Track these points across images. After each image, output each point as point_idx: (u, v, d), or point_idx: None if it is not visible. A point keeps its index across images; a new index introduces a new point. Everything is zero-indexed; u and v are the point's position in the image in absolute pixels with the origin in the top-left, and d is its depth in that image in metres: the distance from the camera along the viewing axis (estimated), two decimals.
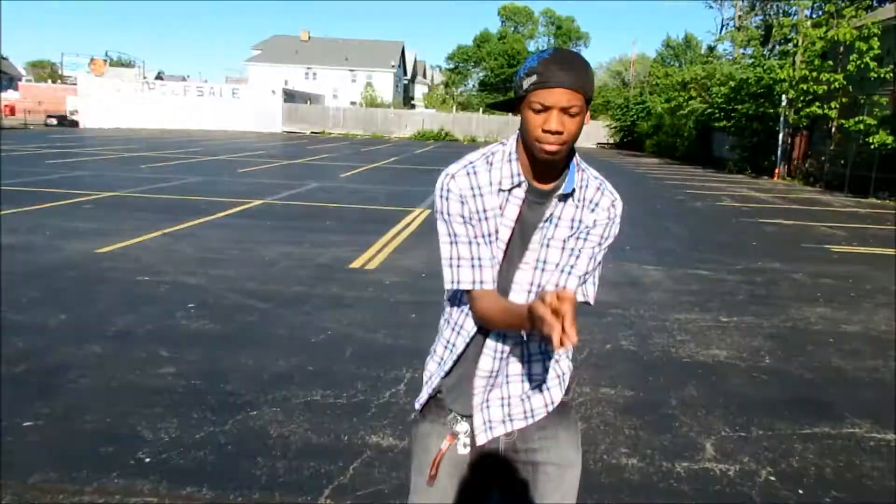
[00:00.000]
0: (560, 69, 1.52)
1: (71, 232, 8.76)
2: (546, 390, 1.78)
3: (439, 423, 1.77)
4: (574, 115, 1.54)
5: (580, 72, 1.53)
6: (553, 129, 1.53)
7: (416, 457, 1.81)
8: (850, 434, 4.00)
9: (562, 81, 1.51)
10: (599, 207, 1.71)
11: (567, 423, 1.82)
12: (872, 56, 20.02)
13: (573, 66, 1.53)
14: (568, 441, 1.80)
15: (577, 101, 1.53)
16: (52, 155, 20.62)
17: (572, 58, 1.57)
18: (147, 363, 4.54)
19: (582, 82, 1.53)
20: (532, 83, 1.53)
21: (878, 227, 13.30)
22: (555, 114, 1.53)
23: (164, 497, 2.98)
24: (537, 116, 1.55)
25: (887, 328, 6.22)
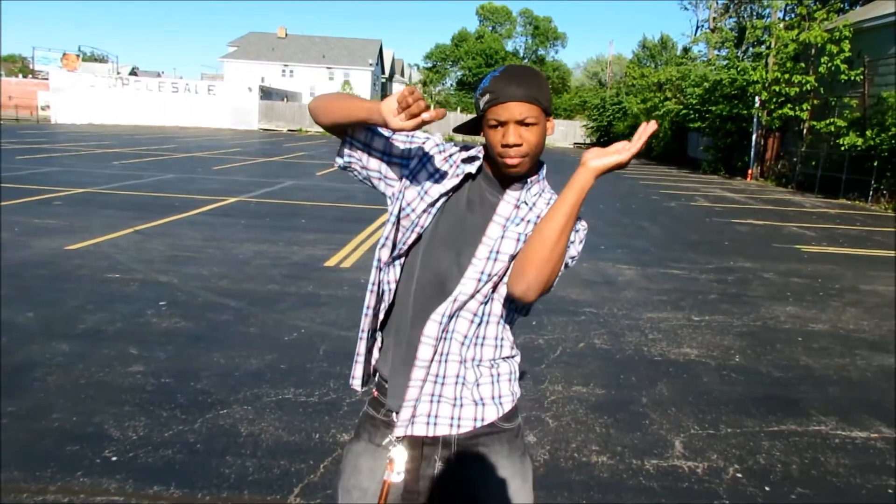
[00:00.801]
0: (510, 84, 1.56)
1: (40, 229, 8.63)
2: (480, 405, 1.68)
3: (374, 444, 1.73)
4: (531, 125, 1.58)
5: (530, 83, 1.58)
6: (511, 142, 1.57)
7: (344, 474, 1.77)
8: (816, 431, 4.06)
9: (513, 95, 1.56)
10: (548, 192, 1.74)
11: (510, 451, 1.73)
12: (843, 59, 20.31)
13: (523, 80, 1.57)
14: (510, 471, 1.72)
15: (531, 111, 1.57)
16: (23, 151, 20.29)
17: (522, 72, 1.60)
18: (116, 361, 4.49)
19: (533, 93, 1.57)
20: (486, 101, 1.58)
21: (848, 227, 13.51)
22: (511, 127, 1.57)
23: (130, 496, 2.95)
24: (496, 132, 1.59)
25: (855, 327, 6.33)
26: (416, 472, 1.68)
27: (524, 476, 1.74)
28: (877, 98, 18.70)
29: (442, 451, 1.69)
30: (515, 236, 1.64)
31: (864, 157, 18.62)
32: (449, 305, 1.61)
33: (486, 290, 1.63)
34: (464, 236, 1.65)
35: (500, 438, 1.71)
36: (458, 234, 1.65)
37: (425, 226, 1.66)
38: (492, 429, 1.70)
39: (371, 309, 1.78)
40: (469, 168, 1.68)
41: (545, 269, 1.54)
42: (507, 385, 1.74)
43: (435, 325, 1.61)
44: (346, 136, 1.73)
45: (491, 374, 1.71)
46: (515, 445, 1.75)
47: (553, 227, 1.53)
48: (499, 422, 1.71)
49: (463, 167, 1.69)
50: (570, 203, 1.54)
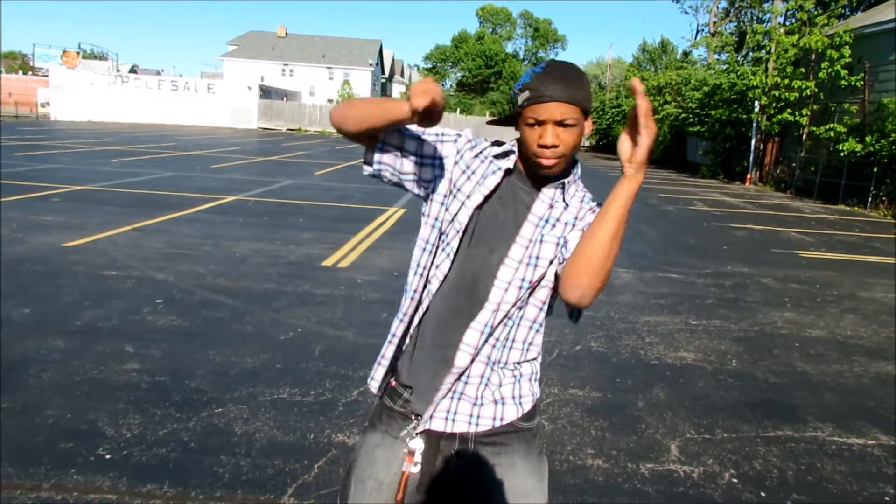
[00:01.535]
0: (552, 83, 1.52)
1: (38, 225, 8.60)
2: (500, 404, 1.68)
3: (391, 436, 1.71)
4: (570, 127, 1.54)
5: (573, 84, 1.53)
6: (548, 143, 1.54)
7: (358, 464, 1.74)
8: (812, 437, 4.05)
9: (553, 95, 1.51)
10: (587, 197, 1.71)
11: (527, 451, 1.72)
12: (843, 64, 20.33)
13: (565, 79, 1.53)
14: (526, 470, 1.70)
15: (571, 112, 1.53)
16: (22, 147, 20.26)
17: (565, 70, 1.56)
18: (111, 359, 4.47)
19: (575, 94, 1.53)
20: (526, 98, 1.54)
21: (847, 233, 13.52)
22: (549, 128, 1.54)
23: (123, 494, 2.94)
24: (533, 131, 1.56)
25: (852, 333, 6.32)
26: (430, 467, 1.67)
27: (540, 475, 1.73)
28: (877, 104, 18.72)
29: (459, 446, 1.68)
30: (554, 240, 1.62)
31: (863, 164, 18.63)
32: (492, 315, 1.60)
33: (525, 295, 1.63)
34: (496, 234, 1.63)
35: (517, 437, 1.70)
36: (491, 232, 1.63)
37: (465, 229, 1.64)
38: (510, 427, 1.69)
39: (408, 315, 1.71)
40: (505, 164, 1.66)
41: (599, 275, 1.50)
42: (528, 385, 1.73)
43: (476, 334, 1.61)
44: (378, 141, 1.69)
45: (514, 375, 1.70)
46: (533, 445, 1.74)
47: (605, 234, 1.49)
48: (517, 421, 1.70)
49: (497, 163, 1.67)
50: (620, 210, 1.48)
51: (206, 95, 46.50)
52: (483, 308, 1.61)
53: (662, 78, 37.37)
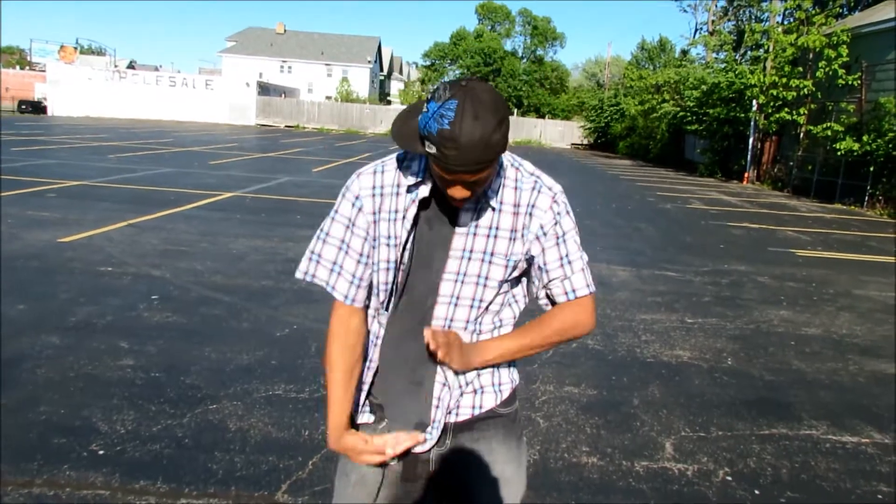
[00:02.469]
0: (461, 150, 1.31)
1: (34, 221, 8.58)
2: (479, 392, 1.67)
3: (369, 428, 1.69)
4: (484, 180, 1.43)
5: (485, 146, 1.32)
6: (457, 198, 1.45)
7: (342, 459, 1.73)
8: (807, 436, 4.06)
9: (463, 165, 1.34)
10: (539, 209, 1.57)
11: (506, 436, 1.70)
12: (840, 63, 20.33)
13: (477, 143, 1.31)
14: (506, 457, 1.69)
15: (484, 171, 1.38)
16: (18, 142, 20.21)
17: (475, 129, 1.30)
18: (106, 355, 4.46)
19: (488, 156, 1.34)
20: (431, 154, 1.36)
21: (843, 232, 13.54)
22: (458, 187, 1.42)
23: (116, 490, 2.93)
24: (441, 178, 1.43)
25: (848, 332, 6.33)
26: (412, 458, 1.65)
27: (519, 461, 1.72)
28: (874, 103, 18.72)
29: (439, 436, 1.66)
30: (480, 258, 1.56)
31: (860, 163, 18.64)
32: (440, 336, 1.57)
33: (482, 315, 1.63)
34: (432, 253, 1.58)
35: (496, 423, 1.69)
36: (427, 254, 1.58)
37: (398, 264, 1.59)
38: (489, 413, 1.68)
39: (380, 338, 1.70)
40: (421, 193, 1.55)
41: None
42: (507, 373, 1.72)
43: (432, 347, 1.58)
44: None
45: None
46: (512, 430, 1.72)
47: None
48: (496, 407, 1.69)
49: (411, 194, 1.56)
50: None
51: (204, 92, 46.43)
52: (431, 325, 1.60)
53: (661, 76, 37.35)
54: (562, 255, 1.60)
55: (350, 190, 1.61)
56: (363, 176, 1.61)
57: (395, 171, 1.59)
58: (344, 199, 1.61)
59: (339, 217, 1.61)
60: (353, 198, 1.60)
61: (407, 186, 1.56)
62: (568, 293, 1.62)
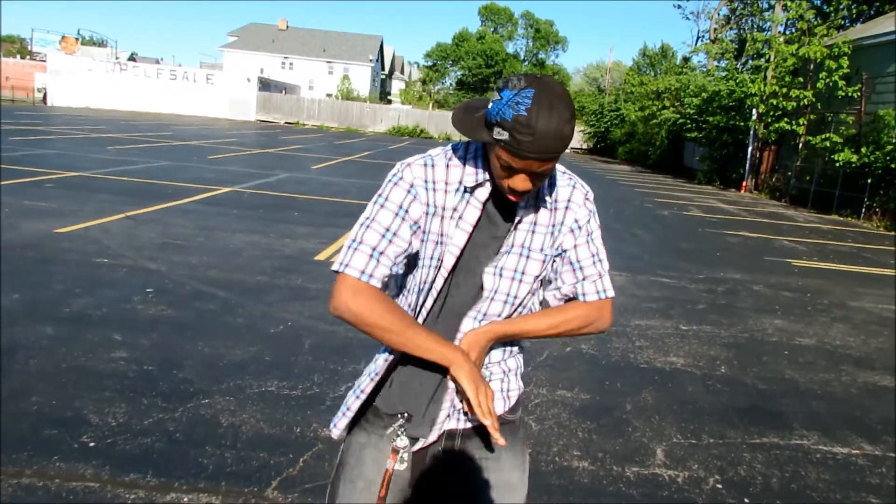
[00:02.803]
0: (536, 137, 1.30)
1: (30, 211, 8.57)
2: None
3: (376, 435, 1.66)
4: (545, 175, 1.41)
5: (560, 137, 1.32)
6: (519, 190, 1.42)
7: (347, 465, 1.69)
8: (798, 445, 4.06)
9: (536, 152, 1.33)
10: (575, 204, 1.59)
11: (512, 443, 1.68)
12: (841, 75, 20.38)
13: (552, 133, 1.31)
14: (512, 464, 1.68)
15: (550, 164, 1.37)
16: (17, 132, 20.17)
17: (552, 119, 1.31)
18: (99, 347, 4.45)
19: (560, 147, 1.34)
20: (502, 140, 1.34)
21: (839, 243, 13.57)
22: (522, 176, 1.39)
23: (105, 483, 2.92)
24: (503, 170, 1.40)
25: (841, 343, 6.34)
26: (419, 464, 1.65)
27: (523, 468, 1.72)
28: (873, 116, 18.77)
29: (446, 442, 1.65)
30: (541, 258, 1.58)
31: (858, 174, 18.69)
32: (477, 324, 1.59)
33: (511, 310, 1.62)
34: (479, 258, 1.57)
35: (503, 430, 1.60)
36: (473, 259, 1.56)
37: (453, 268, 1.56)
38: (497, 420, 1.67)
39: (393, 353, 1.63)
40: (482, 195, 1.53)
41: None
42: (515, 380, 1.73)
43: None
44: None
45: (502, 371, 1.69)
46: (517, 437, 1.72)
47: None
48: (503, 414, 1.69)
49: (472, 195, 1.53)
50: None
51: (204, 86, 46.36)
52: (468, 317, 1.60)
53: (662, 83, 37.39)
54: (593, 252, 1.64)
55: (403, 178, 1.52)
56: (414, 166, 1.53)
57: (445, 168, 1.54)
58: (396, 187, 1.52)
59: (388, 204, 1.51)
60: (408, 185, 1.52)
61: (463, 186, 1.52)
62: (599, 293, 1.66)
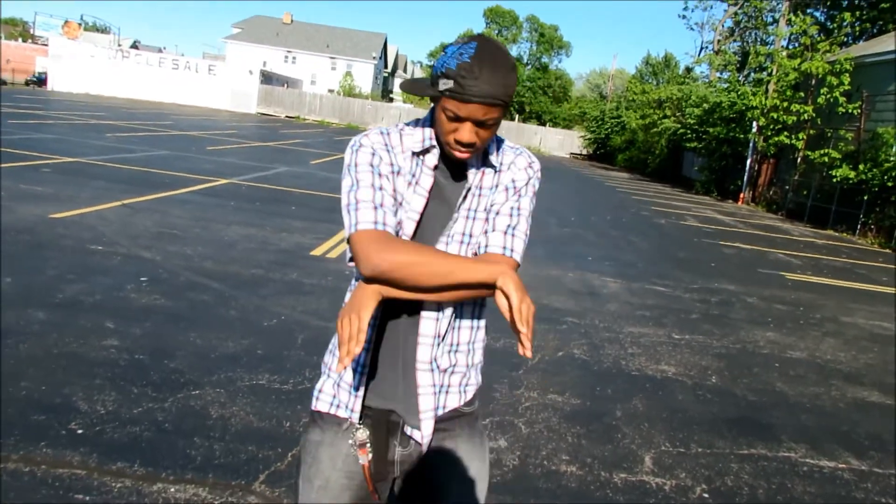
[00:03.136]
0: (480, 81, 1.36)
1: (26, 195, 8.54)
2: (445, 393, 1.64)
3: (332, 432, 1.64)
4: (490, 127, 1.45)
5: (501, 82, 1.39)
6: (465, 140, 1.44)
7: (304, 463, 1.67)
8: (785, 458, 4.07)
9: (479, 96, 1.38)
10: (516, 167, 1.62)
11: (470, 434, 1.69)
12: (842, 91, 20.46)
13: (494, 77, 1.38)
14: (471, 454, 1.68)
15: (493, 113, 1.41)
16: (16, 115, 20.10)
17: (494, 65, 1.38)
18: (91, 334, 4.44)
19: (502, 94, 1.39)
20: (447, 89, 1.39)
21: (833, 258, 13.60)
22: (468, 126, 1.43)
23: (92, 470, 2.92)
24: (449, 123, 1.44)
25: (832, 357, 6.36)
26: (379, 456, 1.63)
27: (483, 457, 1.71)
28: (872, 133, 18.83)
29: (402, 437, 1.64)
30: (484, 217, 1.58)
31: (854, 191, 18.75)
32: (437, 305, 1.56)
33: None
34: (431, 228, 1.56)
35: (461, 422, 1.68)
36: (427, 229, 1.56)
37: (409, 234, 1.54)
38: (453, 413, 1.67)
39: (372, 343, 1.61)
40: (431, 161, 1.56)
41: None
42: (475, 375, 1.71)
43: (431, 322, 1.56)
44: None
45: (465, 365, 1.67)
46: (476, 427, 1.72)
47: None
48: (460, 406, 1.68)
49: (423, 160, 1.56)
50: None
51: (206, 76, 46.26)
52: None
53: (664, 92, 37.47)
54: (512, 207, 1.59)
55: (363, 145, 1.55)
56: (371, 135, 1.57)
57: (399, 136, 1.58)
58: (359, 152, 1.54)
59: (360, 166, 1.53)
60: (370, 149, 1.55)
61: (412, 151, 1.56)
62: (505, 249, 1.55)
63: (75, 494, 2.75)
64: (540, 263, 8.76)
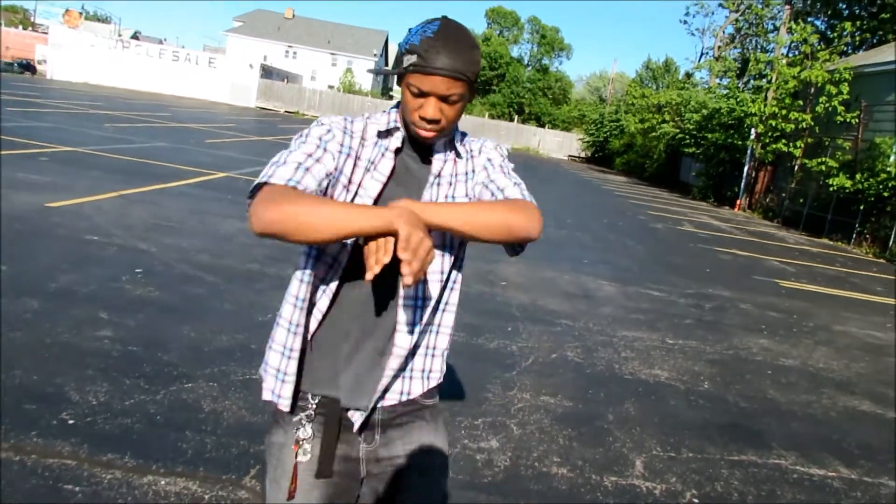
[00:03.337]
0: (442, 54, 1.40)
1: (22, 183, 8.51)
2: (408, 379, 1.62)
3: (292, 433, 1.59)
4: (454, 103, 1.47)
5: (464, 56, 1.43)
6: (429, 117, 1.46)
7: (269, 466, 1.63)
8: (775, 465, 4.08)
9: (442, 69, 1.40)
10: (486, 148, 1.67)
11: (435, 429, 1.68)
12: (841, 100, 20.51)
13: (457, 51, 1.42)
14: (432, 448, 1.66)
15: (457, 88, 1.44)
16: (14, 103, 20.03)
17: (457, 39, 1.43)
18: (85, 324, 4.43)
19: (465, 68, 1.43)
20: (411, 64, 1.42)
21: (827, 266, 13.64)
22: (432, 102, 1.45)
23: (83, 461, 2.91)
24: (414, 100, 1.46)
25: (824, 366, 6.38)
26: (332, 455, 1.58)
27: (444, 451, 1.69)
28: (869, 143, 18.89)
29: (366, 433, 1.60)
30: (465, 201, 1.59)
31: (851, 200, 18.81)
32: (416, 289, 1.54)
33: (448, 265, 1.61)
34: None
35: (422, 415, 1.66)
36: None
37: None
38: (414, 406, 1.64)
39: (302, 327, 1.58)
40: (393, 143, 1.56)
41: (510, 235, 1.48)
42: (439, 362, 1.67)
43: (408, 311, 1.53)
44: None
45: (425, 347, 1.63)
46: (437, 420, 1.70)
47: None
48: (420, 397, 1.65)
49: (383, 143, 1.56)
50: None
51: (206, 69, 46.16)
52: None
53: (663, 97, 37.54)
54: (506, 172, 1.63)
55: (322, 122, 1.56)
56: (334, 117, 1.59)
57: (363, 122, 1.60)
58: (315, 128, 1.54)
59: (309, 139, 1.51)
60: (327, 126, 1.55)
61: (377, 131, 1.57)
62: (524, 195, 1.56)
63: (65, 485, 2.75)
64: (535, 265, 8.77)
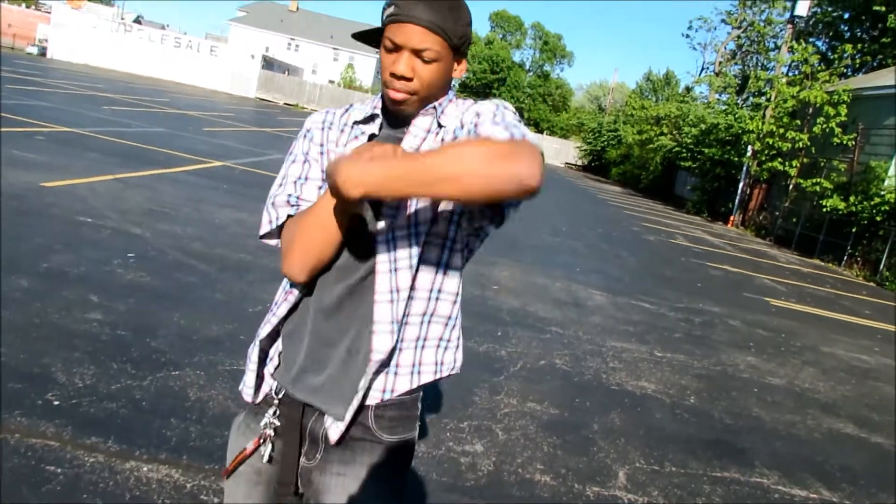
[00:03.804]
0: (420, 4, 1.32)
1: (18, 161, 8.45)
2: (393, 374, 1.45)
3: (256, 422, 1.55)
4: (428, 62, 1.35)
5: (442, 12, 1.33)
6: (399, 72, 1.35)
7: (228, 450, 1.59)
8: (757, 483, 4.10)
9: (416, 17, 1.32)
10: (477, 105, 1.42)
11: (387, 473, 1.48)
12: (838, 122, 20.62)
13: (436, 4, 1.33)
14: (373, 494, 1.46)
15: (431, 43, 1.33)
16: (14, 80, 19.91)
17: None
18: (74, 305, 4.41)
19: (441, 21, 1.33)
20: (388, 15, 1.35)
21: (817, 287, 13.70)
22: (405, 55, 1.34)
23: (66, 443, 2.89)
24: (388, 57, 1.37)
25: (810, 386, 6.40)
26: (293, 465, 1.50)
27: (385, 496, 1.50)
28: (865, 166, 18.99)
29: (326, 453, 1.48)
30: None
31: (843, 222, 18.90)
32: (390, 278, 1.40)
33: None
34: None
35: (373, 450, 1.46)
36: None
37: None
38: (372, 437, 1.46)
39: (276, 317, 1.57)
40: (369, 129, 1.49)
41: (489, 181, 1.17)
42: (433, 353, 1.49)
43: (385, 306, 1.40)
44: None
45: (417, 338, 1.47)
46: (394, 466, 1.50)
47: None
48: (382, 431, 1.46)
49: (360, 128, 1.50)
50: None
51: (208, 57, 45.98)
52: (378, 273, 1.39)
53: (662, 109, 37.65)
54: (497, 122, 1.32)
55: (304, 127, 1.57)
56: (316, 114, 1.58)
57: (347, 111, 1.57)
58: (297, 140, 1.57)
59: (295, 156, 1.54)
60: (305, 132, 1.55)
61: (354, 121, 1.53)
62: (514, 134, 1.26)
63: (47, 466, 2.73)
64: (528, 271, 8.77)
